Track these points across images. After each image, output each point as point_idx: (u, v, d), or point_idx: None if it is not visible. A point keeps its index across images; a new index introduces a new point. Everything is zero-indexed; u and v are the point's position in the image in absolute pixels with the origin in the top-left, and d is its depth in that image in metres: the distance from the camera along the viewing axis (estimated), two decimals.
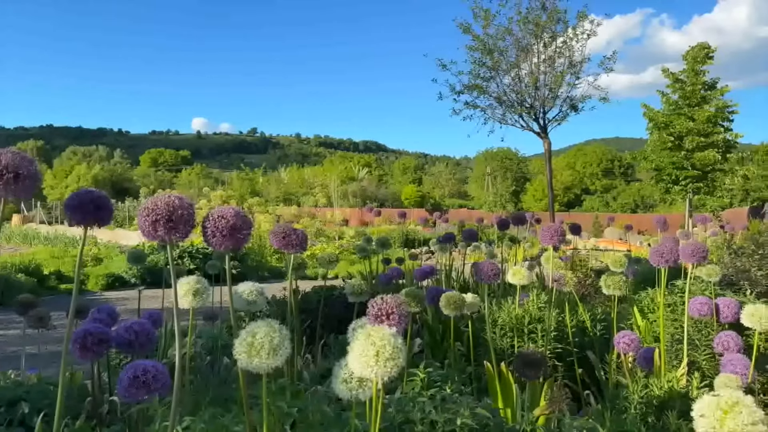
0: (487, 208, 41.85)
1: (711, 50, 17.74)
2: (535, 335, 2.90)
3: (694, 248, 2.06)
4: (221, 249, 1.06)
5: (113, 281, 9.00)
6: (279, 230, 1.76)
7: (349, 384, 0.92)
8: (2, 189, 1.03)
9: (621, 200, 50.59)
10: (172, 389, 1.21)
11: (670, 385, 1.82)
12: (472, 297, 2.20)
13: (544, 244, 2.27)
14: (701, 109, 17.41)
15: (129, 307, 6.54)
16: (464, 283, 5.12)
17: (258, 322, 0.93)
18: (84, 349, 1.82)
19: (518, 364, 1.76)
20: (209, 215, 1.08)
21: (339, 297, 4.06)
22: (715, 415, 0.77)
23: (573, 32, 13.20)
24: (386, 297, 1.04)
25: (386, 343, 0.84)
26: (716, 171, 17.54)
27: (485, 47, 13.24)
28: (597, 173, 58.11)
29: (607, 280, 2.27)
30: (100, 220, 1.17)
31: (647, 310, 3.31)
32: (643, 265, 5.56)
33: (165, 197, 1.03)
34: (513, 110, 13.44)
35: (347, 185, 45.96)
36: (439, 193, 59.86)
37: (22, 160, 1.05)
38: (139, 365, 1.29)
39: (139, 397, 1.27)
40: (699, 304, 2.48)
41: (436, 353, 3.33)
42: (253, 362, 0.90)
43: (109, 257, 10.79)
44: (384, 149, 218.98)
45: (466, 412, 1.25)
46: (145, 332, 1.93)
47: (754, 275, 3.85)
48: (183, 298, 1.33)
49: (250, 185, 48.21)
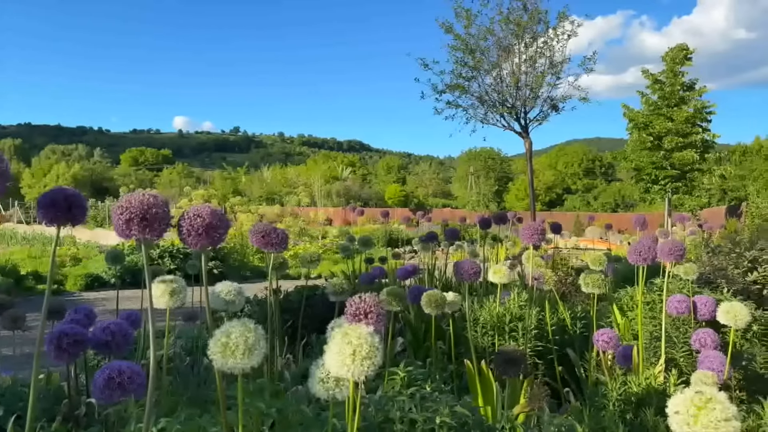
0: (471, 208, 42.04)
1: (689, 51, 18.00)
2: (516, 333, 2.92)
3: (671, 247, 2.08)
4: (197, 248, 1.05)
5: (92, 281, 8.87)
6: (259, 229, 1.74)
7: (326, 384, 0.92)
8: None
9: (602, 200, 51.13)
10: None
11: (648, 382, 1.84)
12: (453, 296, 2.20)
13: (525, 242, 2.28)
14: (680, 109, 17.66)
15: (108, 307, 6.45)
16: (447, 281, 5.14)
17: (233, 321, 0.92)
18: (59, 350, 1.79)
19: (498, 361, 1.77)
20: (185, 214, 1.06)
21: (321, 296, 4.04)
22: (689, 411, 0.77)
23: (554, 33, 13.30)
24: (364, 296, 1.03)
25: (363, 342, 0.83)
26: (694, 171, 17.81)
27: (467, 47, 13.29)
28: (578, 173, 58.66)
29: (586, 278, 2.29)
30: (73, 219, 1.14)
31: (626, 308, 3.34)
32: (622, 263, 5.62)
33: (139, 195, 1.01)
34: (494, 110, 13.50)
35: (331, 185, 45.85)
36: (422, 193, 59.98)
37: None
38: (114, 366, 1.27)
39: (114, 399, 1.25)
40: (677, 302, 2.51)
41: (418, 352, 3.33)
42: (228, 363, 0.88)
43: (89, 257, 10.64)
44: (368, 149, 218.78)
45: (446, 411, 1.25)
46: (122, 333, 1.90)
47: (731, 273, 3.92)
48: (159, 298, 1.31)
49: (233, 184, 47.88)
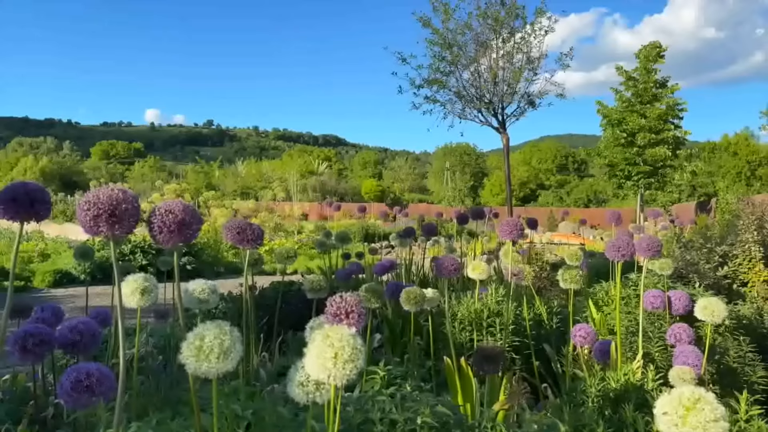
0: (447, 203, 42.25)
1: (662, 49, 18.32)
2: (493, 329, 2.91)
3: (649, 242, 2.09)
4: (169, 245, 1.00)
5: (61, 278, 8.65)
6: (233, 225, 1.69)
7: (306, 387, 0.88)
8: None
9: (574, 195, 51.82)
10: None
11: (627, 378, 1.84)
12: (432, 292, 2.18)
13: (503, 238, 2.27)
14: (653, 106, 17.98)
15: (78, 304, 6.30)
16: (424, 277, 5.13)
17: (207, 323, 0.87)
18: (24, 351, 1.72)
19: (477, 358, 1.75)
20: (156, 210, 1.01)
21: (297, 293, 3.99)
22: (677, 412, 0.76)
23: (531, 28, 13.38)
24: (345, 295, 1.00)
25: (345, 344, 0.80)
26: (666, 167, 18.15)
27: (445, 41, 13.27)
28: (551, 169, 59.33)
29: (564, 274, 2.29)
30: (36, 215, 1.09)
31: (602, 303, 3.37)
32: (596, 258, 5.68)
33: (108, 190, 0.96)
34: (472, 105, 13.52)
35: (306, 179, 45.57)
36: (399, 188, 60.03)
37: None
38: (82, 368, 1.22)
39: (82, 402, 1.19)
40: (652, 297, 2.53)
41: (395, 348, 3.31)
42: (202, 367, 0.84)
43: (57, 253, 10.38)
44: (344, 143, 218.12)
45: (427, 411, 1.23)
46: (90, 332, 1.84)
47: (702, 268, 3.98)
48: (130, 296, 1.26)
49: (206, 179, 47.23)
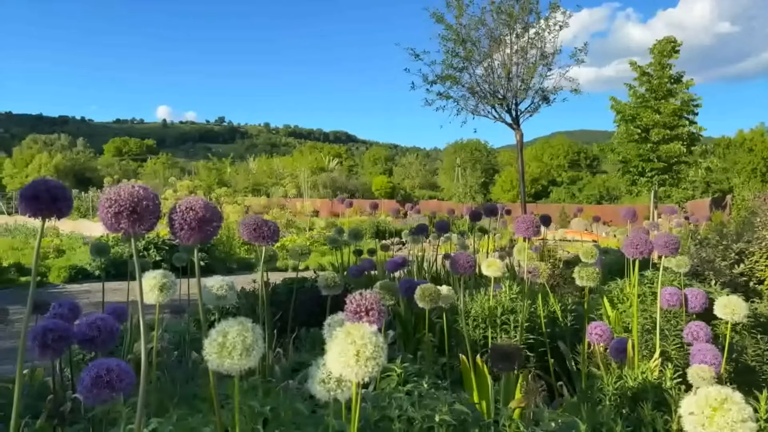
0: (457, 199, 42.11)
1: (677, 44, 18.10)
2: (507, 326, 2.90)
3: (666, 240, 2.07)
4: (189, 242, 1.00)
5: (76, 273, 8.74)
6: (250, 222, 1.69)
7: (328, 384, 0.88)
8: None
9: (587, 192, 51.45)
10: (137, 388, 1.14)
11: (644, 377, 1.83)
12: (447, 289, 2.17)
13: (519, 235, 2.25)
14: (667, 102, 17.77)
15: (92, 300, 6.36)
16: (436, 274, 5.12)
17: (229, 320, 0.87)
18: (44, 347, 1.74)
19: (493, 356, 1.74)
20: (176, 207, 1.01)
21: (310, 289, 4.00)
22: (704, 412, 0.75)
23: (545, 23, 13.26)
24: (365, 292, 1.00)
25: (367, 342, 0.79)
26: (681, 163, 17.95)
27: (458, 37, 13.20)
28: (563, 165, 58.94)
29: (581, 271, 2.27)
30: (57, 211, 1.09)
31: (616, 301, 3.34)
32: (610, 255, 5.64)
33: (128, 187, 0.96)
34: (485, 101, 13.43)
35: (317, 176, 45.59)
36: (409, 184, 59.93)
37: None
38: (102, 364, 1.22)
39: (102, 398, 1.20)
40: (668, 295, 2.51)
41: (408, 344, 3.31)
42: (225, 363, 0.84)
43: (72, 249, 10.48)
44: (354, 140, 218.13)
45: (445, 408, 1.23)
46: (108, 328, 1.85)
47: (718, 265, 3.94)
48: (149, 293, 1.26)
49: (218, 175, 47.41)
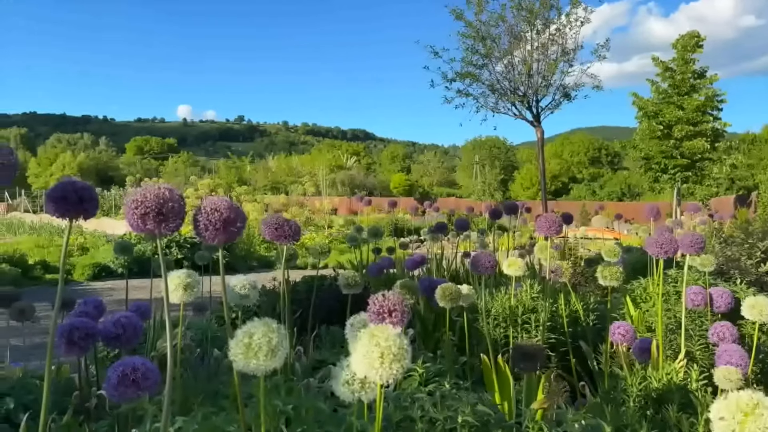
0: (476, 197, 41.95)
1: (701, 39, 17.78)
2: (528, 325, 2.88)
3: (692, 239, 2.04)
4: (214, 243, 1.01)
5: (99, 271, 8.88)
6: (272, 221, 1.70)
7: (352, 386, 0.88)
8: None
9: (608, 188, 50.84)
10: (162, 386, 1.16)
11: (669, 378, 1.80)
12: (468, 288, 2.16)
13: (541, 234, 2.23)
14: (690, 97, 17.48)
15: (116, 297, 6.46)
16: (455, 272, 5.11)
17: (255, 321, 0.88)
18: (70, 344, 1.77)
19: (515, 356, 1.73)
20: (202, 208, 1.02)
21: (329, 287, 4.01)
22: (735, 417, 0.74)
23: (566, 19, 13.10)
24: (387, 294, 1.00)
25: (391, 344, 0.79)
26: (705, 160, 17.64)
27: (478, 34, 13.11)
28: (584, 162, 58.33)
29: (604, 271, 2.24)
30: (84, 212, 1.11)
31: (639, 300, 3.30)
32: (632, 254, 5.57)
33: (154, 189, 0.97)
34: (506, 98, 13.32)
35: (335, 174, 45.71)
36: (427, 182, 59.80)
37: (0, 149, 0.99)
38: (128, 363, 1.24)
39: (128, 396, 1.21)
40: (693, 294, 2.47)
41: (428, 343, 3.31)
42: (251, 364, 0.85)
43: (95, 247, 10.65)
44: (372, 137, 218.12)
45: (467, 409, 1.22)
46: (132, 326, 1.88)
47: (744, 264, 3.87)
48: (173, 292, 1.28)
49: (238, 173, 47.81)
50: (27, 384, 2.32)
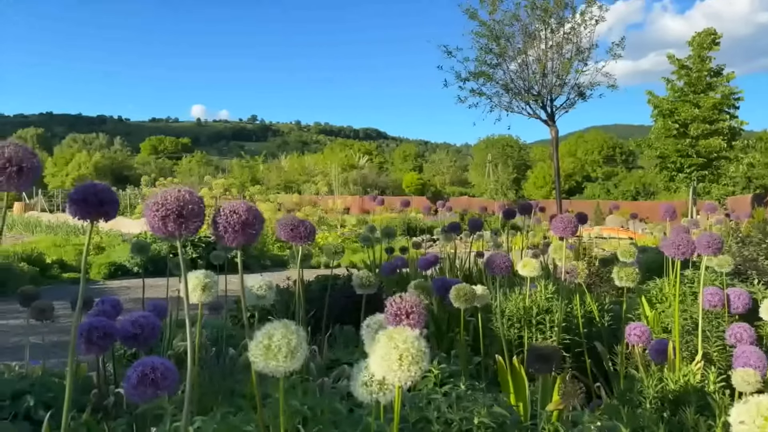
0: (488, 196, 41.82)
1: (717, 36, 17.58)
2: (543, 326, 2.87)
3: (709, 240, 2.02)
4: (233, 245, 1.02)
5: (115, 270, 8.97)
6: (287, 222, 1.71)
7: (370, 387, 0.89)
8: (5, 182, 1.00)
9: (622, 187, 50.46)
10: (181, 386, 1.17)
11: (686, 380, 1.79)
12: (482, 289, 2.16)
13: (556, 235, 2.23)
14: (707, 96, 17.29)
15: (131, 296, 6.53)
16: (468, 272, 5.10)
17: (274, 323, 0.89)
18: (89, 344, 1.79)
19: (531, 357, 1.73)
20: (221, 210, 1.04)
21: (342, 286, 4.03)
22: (755, 422, 0.73)
23: (581, 18, 13.00)
24: (404, 295, 1.00)
25: (410, 346, 0.80)
26: (721, 159, 17.45)
27: (492, 33, 13.04)
28: (598, 160, 57.91)
29: (619, 272, 2.23)
30: (105, 214, 1.13)
31: (655, 300, 3.28)
32: (647, 253, 5.52)
33: (174, 191, 0.99)
34: (520, 97, 13.24)
35: (348, 173, 45.81)
36: (440, 181, 59.74)
37: (24, 152, 1.01)
38: (147, 363, 1.26)
39: (148, 396, 1.23)
40: (710, 295, 2.45)
41: (441, 343, 3.31)
42: (270, 365, 0.86)
43: (111, 246, 10.76)
44: (384, 136, 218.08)
45: (483, 411, 1.22)
46: (150, 325, 1.90)
47: (761, 264, 3.82)
48: (192, 292, 1.29)
49: (251, 173, 48.09)
50: (46, 382, 2.35)
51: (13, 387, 2.24)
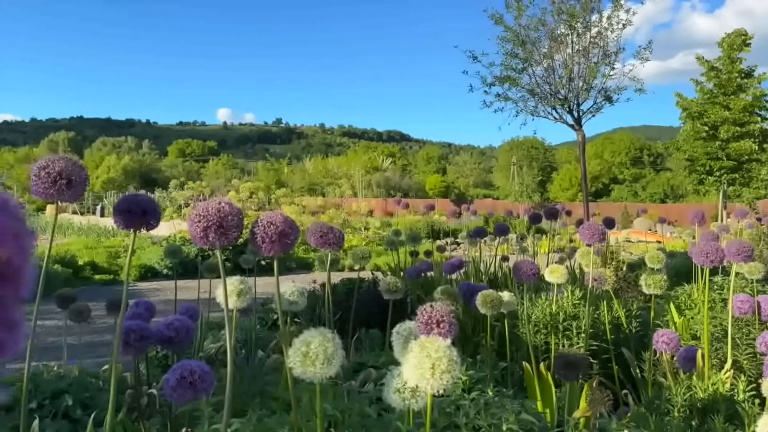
0: (513, 198, 41.47)
1: (748, 37, 17.20)
2: (570, 332, 2.87)
3: (739, 247, 2.00)
4: (270, 254, 1.07)
5: (146, 272, 9.16)
6: (317, 229, 1.76)
7: (403, 394, 0.92)
8: (56, 194, 1.05)
9: (650, 190, 49.62)
10: (220, 389, 1.22)
11: (715, 388, 1.78)
12: (509, 296, 2.18)
13: (584, 242, 2.23)
14: (737, 97, 16.92)
15: (161, 297, 6.66)
16: (493, 276, 5.09)
17: (312, 330, 0.93)
18: (126, 345, 1.86)
19: (558, 364, 1.74)
20: (258, 221, 1.08)
21: (368, 290, 4.07)
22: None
23: (608, 22, 12.84)
24: (435, 304, 1.03)
25: (442, 355, 0.83)
26: (752, 161, 17.06)
27: (518, 38, 12.97)
28: (625, 162, 57.03)
29: (647, 279, 2.22)
30: (147, 224, 1.18)
31: (684, 307, 3.24)
32: (676, 258, 5.45)
33: (215, 203, 1.04)
34: (546, 102, 13.13)
35: (371, 175, 45.90)
36: (463, 183, 59.51)
37: (74, 167, 1.07)
38: (185, 366, 1.31)
39: (186, 398, 1.28)
40: (740, 302, 2.42)
41: (466, 348, 3.32)
42: (308, 372, 0.90)
43: (141, 248, 10.97)
44: (407, 139, 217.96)
45: (512, 417, 1.24)
46: (184, 329, 1.96)
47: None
48: (228, 298, 1.33)
49: (276, 176, 48.50)
50: (83, 381, 2.43)
51: (53, 387, 2.32)
